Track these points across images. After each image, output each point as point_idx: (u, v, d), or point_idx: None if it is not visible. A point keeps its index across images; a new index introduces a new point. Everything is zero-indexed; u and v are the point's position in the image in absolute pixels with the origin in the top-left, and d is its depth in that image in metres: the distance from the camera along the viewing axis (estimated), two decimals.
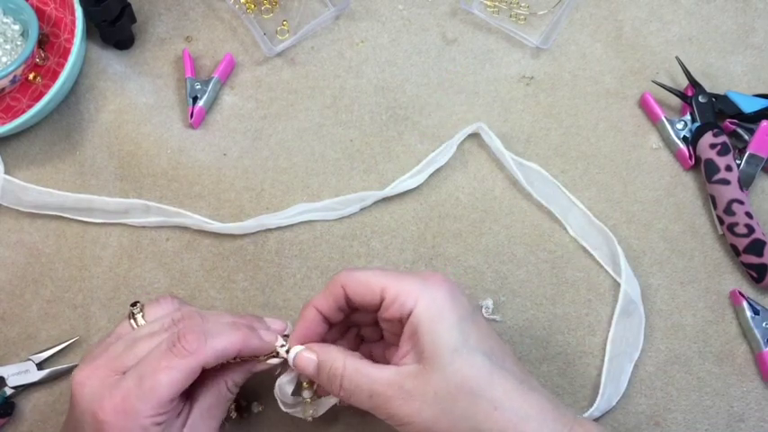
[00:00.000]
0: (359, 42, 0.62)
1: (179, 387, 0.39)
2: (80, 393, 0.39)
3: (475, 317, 0.40)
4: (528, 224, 0.56)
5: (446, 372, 0.38)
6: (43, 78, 0.60)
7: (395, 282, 0.40)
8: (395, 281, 0.40)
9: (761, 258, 0.52)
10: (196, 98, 0.59)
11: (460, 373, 0.38)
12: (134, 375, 0.39)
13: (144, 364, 0.39)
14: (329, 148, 0.59)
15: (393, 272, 0.41)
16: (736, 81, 0.60)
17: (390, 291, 0.40)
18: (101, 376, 0.39)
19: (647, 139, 0.59)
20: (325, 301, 0.42)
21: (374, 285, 0.40)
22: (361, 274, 0.41)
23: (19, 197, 0.57)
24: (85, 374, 0.40)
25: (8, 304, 0.55)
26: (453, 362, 0.38)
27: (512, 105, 0.60)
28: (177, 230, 0.56)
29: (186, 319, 0.42)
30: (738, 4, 0.63)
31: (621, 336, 0.52)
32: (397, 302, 0.40)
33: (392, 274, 0.41)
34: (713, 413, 0.51)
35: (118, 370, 0.40)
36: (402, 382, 0.38)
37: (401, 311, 0.39)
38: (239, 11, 0.62)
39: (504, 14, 0.63)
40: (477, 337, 0.39)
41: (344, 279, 0.42)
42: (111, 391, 0.38)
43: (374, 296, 0.41)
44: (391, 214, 0.56)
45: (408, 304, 0.39)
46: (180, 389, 0.39)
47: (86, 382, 0.40)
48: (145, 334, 0.42)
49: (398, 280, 0.40)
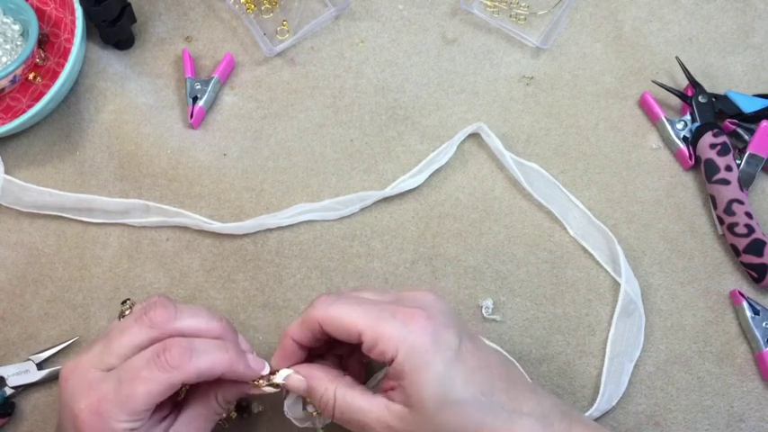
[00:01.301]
0: (359, 42, 0.62)
1: (155, 399, 0.38)
2: (63, 388, 0.39)
3: (461, 352, 0.39)
4: (528, 224, 0.56)
5: (432, 421, 0.37)
6: (43, 78, 0.60)
7: (373, 325, 0.38)
8: (373, 325, 0.38)
9: (761, 258, 0.52)
10: (196, 98, 0.59)
11: (447, 423, 0.37)
12: (114, 378, 0.38)
13: (125, 369, 0.38)
14: (329, 148, 0.59)
15: (372, 308, 0.39)
16: (736, 81, 0.60)
17: (368, 336, 0.38)
18: (82, 372, 0.39)
19: (647, 139, 0.59)
20: (302, 333, 0.41)
21: (350, 328, 0.39)
22: (337, 312, 0.39)
23: (19, 197, 0.57)
24: (69, 370, 0.40)
25: (8, 304, 0.55)
26: (439, 413, 0.37)
27: (512, 105, 0.60)
28: (177, 230, 0.56)
29: (158, 306, 0.40)
30: (738, 4, 0.63)
31: (621, 336, 0.52)
32: (376, 349, 0.38)
33: (371, 312, 0.39)
34: (713, 413, 0.51)
35: (98, 367, 0.39)
36: (390, 422, 0.38)
37: (382, 358, 0.38)
38: (239, 11, 0.62)
39: (504, 14, 0.63)
40: (463, 379, 0.38)
41: (320, 316, 0.40)
42: (89, 390, 0.38)
43: (351, 337, 0.39)
44: (391, 214, 0.56)
45: (389, 353, 0.38)
46: (156, 401, 0.38)
47: (69, 378, 0.39)
48: (117, 329, 0.40)
49: (377, 323, 0.38)
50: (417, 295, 0.41)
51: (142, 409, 0.38)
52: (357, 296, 0.41)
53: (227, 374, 0.40)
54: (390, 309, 0.39)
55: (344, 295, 0.41)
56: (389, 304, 0.40)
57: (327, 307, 0.40)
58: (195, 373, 0.38)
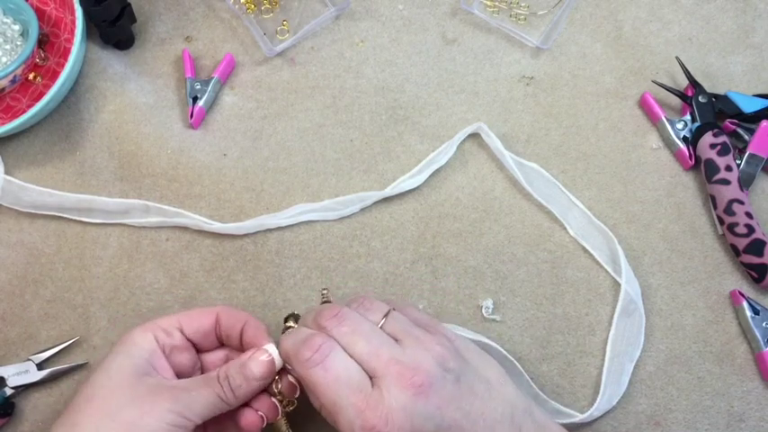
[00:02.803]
0: (359, 42, 0.62)
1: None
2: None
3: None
4: (528, 224, 0.56)
5: None
6: (43, 78, 0.60)
7: (335, 411, 0.38)
8: (336, 410, 0.38)
9: (761, 258, 0.52)
10: (196, 98, 0.59)
11: None
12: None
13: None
14: (329, 148, 0.59)
15: (347, 394, 0.38)
16: (736, 81, 0.60)
17: (326, 413, 0.40)
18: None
19: (647, 139, 0.59)
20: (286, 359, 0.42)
21: (318, 397, 0.39)
22: (316, 380, 0.38)
23: (19, 197, 0.56)
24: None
25: (8, 304, 0.55)
26: None
27: (512, 105, 0.60)
28: (177, 231, 0.56)
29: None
30: (738, 4, 0.63)
31: (622, 336, 0.52)
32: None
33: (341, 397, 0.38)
34: (713, 413, 0.51)
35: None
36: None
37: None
38: (239, 11, 0.62)
39: (504, 14, 0.63)
40: None
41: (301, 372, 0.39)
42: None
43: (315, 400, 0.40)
44: (391, 214, 0.56)
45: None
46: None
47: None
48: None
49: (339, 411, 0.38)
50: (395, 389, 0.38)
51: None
52: (346, 353, 0.39)
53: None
54: (359, 404, 0.38)
55: (329, 356, 0.39)
56: (360, 394, 0.38)
57: (308, 369, 0.39)
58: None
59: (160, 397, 0.40)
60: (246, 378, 0.42)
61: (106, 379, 0.41)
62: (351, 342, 0.40)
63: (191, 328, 0.45)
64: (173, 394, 0.40)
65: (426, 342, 0.40)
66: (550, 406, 0.50)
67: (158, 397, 0.40)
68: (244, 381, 0.42)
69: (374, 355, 0.39)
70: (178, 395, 0.40)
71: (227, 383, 0.41)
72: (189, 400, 0.40)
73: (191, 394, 0.41)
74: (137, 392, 0.40)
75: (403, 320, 0.42)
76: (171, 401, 0.40)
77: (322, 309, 0.42)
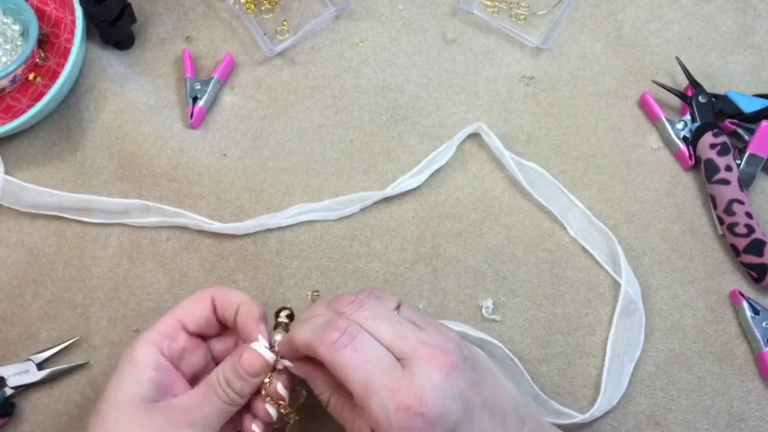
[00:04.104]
0: (359, 42, 0.62)
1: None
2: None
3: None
4: (528, 224, 0.56)
5: None
6: (43, 78, 0.60)
7: (367, 394, 0.36)
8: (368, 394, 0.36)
9: (761, 258, 0.52)
10: (196, 98, 0.59)
11: None
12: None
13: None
14: (329, 148, 0.59)
15: (377, 373, 0.37)
16: (736, 81, 0.60)
17: (358, 399, 0.37)
18: None
19: (647, 139, 0.59)
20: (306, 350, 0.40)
21: (347, 381, 0.37)
22: (344, 363, 0.37)
23: (19, 197, 0.57)
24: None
25: (8, 304, 0.55)
26: None
27: (512, 105, 0.60)
28: (177, 231, 0.56)
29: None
30: (738, 4, 0.63)
31: (622, 336, 0.52)
32: (362, 412, 0.37)
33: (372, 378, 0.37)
34: (713, 413, 0.51)
35: None
36: None
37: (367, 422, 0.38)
38: (239, 11, 0.62)
39: (504, 14, 0.63)
40: None
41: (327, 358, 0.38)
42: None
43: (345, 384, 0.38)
44: (391, 214, 0.56)
45: (372, 425, 0.37)
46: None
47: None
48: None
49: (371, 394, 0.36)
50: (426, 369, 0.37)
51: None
52: (372, 338, 0.38)
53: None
54: (392, 384, 0.37)
55: (357, 338, 0.38)
56: (392, 374, 0.37)
57: (336, 352, 0.37)
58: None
59: (176, 425, 0.39)
60: (244, 378, 0.41)
61: (115, 411, 0.40)
62: (374, 326, 0.39)
63: (192, 321, 0.44)
64: (188, 417, 0.40)
65: (442, 329, 0.40)
66: (550, 406, 0.50)
67: (175, 426, 0.39)
68: (242, 381, 0.41)
69: (400, 337, 0.38)
70: (193, 415, 0.40)
71: (229, 389, 0.41)
72: (204, 416, 0.40)
73: (204, 411, 0.40)
74: (152, 423, 0.39)
75: (414, 310, 0.42)
76: (188, 425, 0.40)
77: (336, 297, 0.41)
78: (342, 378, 0.37)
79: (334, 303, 0.41)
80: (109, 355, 0.53)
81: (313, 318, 0.40)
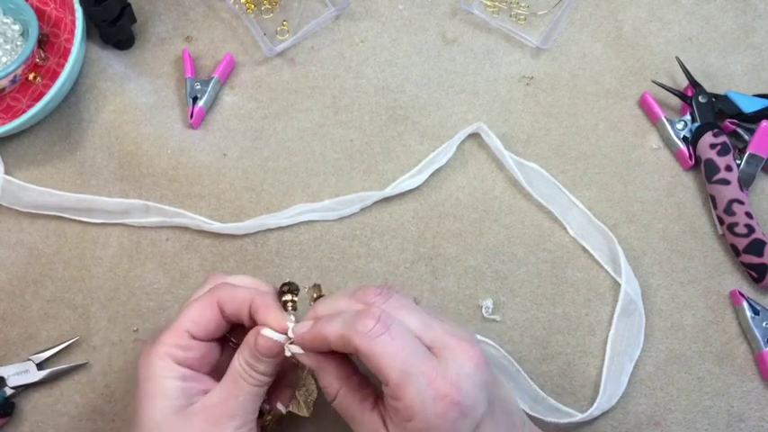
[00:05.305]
0: (359, 42, 0.62)
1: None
2: None
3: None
4: (528, 224, 0.56)
5: None
6: (43, 78, 0.60)
7: (404, 381, 0.36)
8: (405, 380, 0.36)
9: (761, 258, 0.52)
10: (196, 98, 0.59)
11: None
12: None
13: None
14: (329, 148, 0.59)
15: (413, 361, 0.36)
16: (736, 81, 0.60)
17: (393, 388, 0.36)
18: None
19: (647, 139, 0.59)
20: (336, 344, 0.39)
21: (383, 371, 0.36)
22: (380, 351, 0.36)
23: (19, 197, 0.57)
24: None
25: (8, 304, 0.55)
26: None
27: (512, 105, 0.60)
28: (177, 231, 0.56)
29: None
30: (738, 4, 0.63)
31: (621, 336, 0.52)
32: (395, 401, 0.37)
33: (410, 365, 0.36)
34: (713, 413, 0.51)
35: None
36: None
37: (395, 408, 0.37)
38: (239, 11, 0.62)
39: (504, 14, 0.63)
40: None
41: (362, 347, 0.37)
42: None
43: (378, 375, 0.37)
44: (391, 214, 0.56)
45: (404, 414, 0.36)
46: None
47: None
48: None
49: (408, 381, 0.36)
50: (460, 358, 0.37)
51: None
52: (405, 328, 0.38)
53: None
54: (428, 372, 0.36)
55: (392, 326, 0.37)
56: (428, 362, 0.37)
57: (372, 340, 0.36)
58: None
59: (218, 422, 0.39)
60: (265, 361, 0.41)
61: (156, 429, 0.39)
62: (403, 316, 0.38)
63: (200, 330, 0.42)
64: (225, 411, 0.40)
65: (458, 323, 0.40)
66: (550, 404, 0.50)
67: (217, 423, 0.39)
68: (265, 363, 0.41)
69: (429, 327, 0.38)
70: (231, 408, 0.40)
71: (254, 372, 0.40)
72: (240, 405, 0.40)
73: (238, 400, 0.40)
74: (194, 428, 0.39)
75: (429, 306, 0.42)
76: (229, 418, 0.40)
77: (362, 287, 0.41)
78: (377, 367, 0.37)
79: (360, 295, 0.40)
80: (109, 355, 0.53)
81: (337, 312, 0.40)
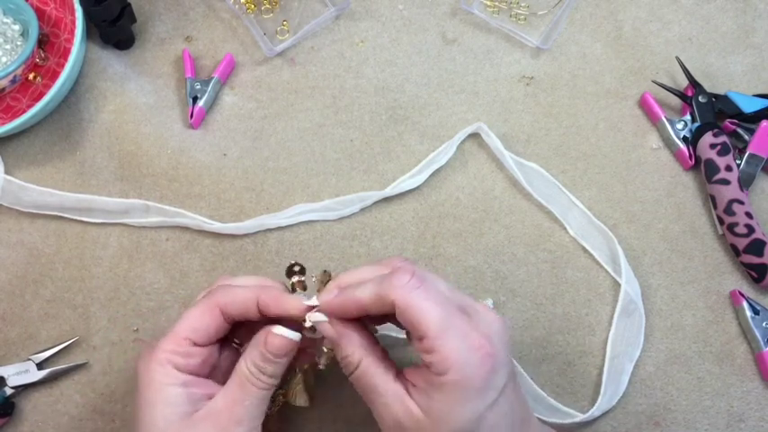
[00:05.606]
0: (359, 42, 0.62)
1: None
2: None
3: (501, 395, 0.37)
4: (528, 224, 0.56)
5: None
6: (43, 78, 0.60)
7: (441, 335, 0.36)
8: (442, 334, 0.36)
9: (761, 258, 0.52)
10: (196, 98, 0.59)
11: None
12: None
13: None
14: (329, 148, 0.59)
15: (449, 315, 0.37)
16: (736, 81, 0.60)
17: (430, 341, 0.36)
18: None
19: (647, 139, 0.59)
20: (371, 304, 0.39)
21: (420, 324, 0.37)
22: (417, 304, 0.37)
23: (19, 197, 0.57)
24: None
25: (8, 304, 0.55)
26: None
27: (512, 105, 0.60)
28: (177, 230, 0.56)
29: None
30: (738, 4, 0.63)
31: (622, 335, 0.52)
32: (429, 356, 0.37)
33: (447, 319, 0.37)
34: (713, 413, 0.51)
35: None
36: (399, 415, 0.38)
37: (428, 363, 0.37)
38: (239, 11, 0.62)
39: (504, 14, 0.63)
40: (491, 424, 0.37)
41: (400, 300, 0.37)
42: None
43: (413, 329, 0.37)
44: (391, 214, 0.56)
45: (438, 367, 0.36)
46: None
47: None
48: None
49: (445, 334, 0.36)
50: (488, 317, 0.39)
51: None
52: (437, 287, 0.39)
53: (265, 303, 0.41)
54: (463, 326, 0.37)
55: (426, 281, 0.38)
56: (462, 317, 0.38)
57: (409, 292, 0.37)
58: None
59: (225, 429, 0.39)
60: (275, 362, 0.40)
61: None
62: (433, 278, 0.39)
63: (200, 337, 0.42)
64: (231, 416, 0.39)
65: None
66: (550, 404, 0.50)
67: (224, 430, 0.39)
68: (274, 364, 0.40)
69: (455, 291, 0.39)
70: (237, 413, 0.39)
71: (262, 375, 0.40)
72: (246, 410, 0.39)
73: (244, 405, 0.40)
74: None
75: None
76: (235, 424, 0.39)
77: (387, 258, 0.42)
78: (414, 319, 0.37)
79: (386, 262, 0.41)
80: (109, 355, 0.53)
81: (368, 281, 0.40)
